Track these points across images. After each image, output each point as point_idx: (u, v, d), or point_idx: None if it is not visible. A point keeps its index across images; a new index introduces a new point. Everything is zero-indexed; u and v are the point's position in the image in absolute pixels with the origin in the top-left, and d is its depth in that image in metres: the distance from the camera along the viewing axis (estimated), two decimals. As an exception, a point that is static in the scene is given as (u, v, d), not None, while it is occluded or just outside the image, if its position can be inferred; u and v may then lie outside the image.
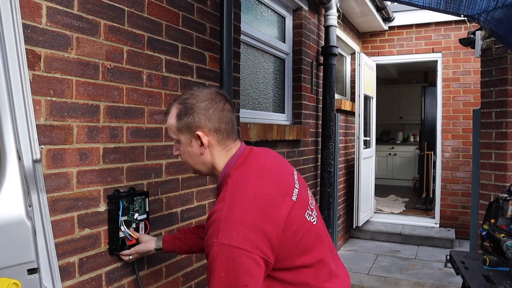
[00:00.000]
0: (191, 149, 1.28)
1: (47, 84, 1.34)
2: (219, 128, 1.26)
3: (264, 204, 1.15)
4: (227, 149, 1.29)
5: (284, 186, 1.25)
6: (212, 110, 1.24)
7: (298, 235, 1.19)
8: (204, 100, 1.25)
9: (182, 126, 1.26)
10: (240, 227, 1.10)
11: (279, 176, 1.28)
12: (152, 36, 1.80)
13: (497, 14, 2.31)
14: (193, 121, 1.24)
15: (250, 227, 1.10)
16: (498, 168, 3.12)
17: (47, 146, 1.35)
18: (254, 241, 1.10)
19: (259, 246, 1.10)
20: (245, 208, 1.13)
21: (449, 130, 5.33)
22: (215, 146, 1.27)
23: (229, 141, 1.29)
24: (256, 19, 3.18)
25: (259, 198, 1.16)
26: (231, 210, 1.13)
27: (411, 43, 5.50)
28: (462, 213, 5.26)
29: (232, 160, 1.28)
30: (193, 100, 1.26)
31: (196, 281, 2.13)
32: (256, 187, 1.19)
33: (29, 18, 1.28)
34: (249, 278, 1.08)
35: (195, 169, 1.34)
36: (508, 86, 3.07)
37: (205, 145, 1.25)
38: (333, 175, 3.95)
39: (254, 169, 1.25)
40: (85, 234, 1.49)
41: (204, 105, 1.25)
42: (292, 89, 3.64)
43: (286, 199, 1.21)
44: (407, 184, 8.78)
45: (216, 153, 1.28)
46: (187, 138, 1.27)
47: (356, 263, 4.36)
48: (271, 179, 1.24)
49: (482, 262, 2.33)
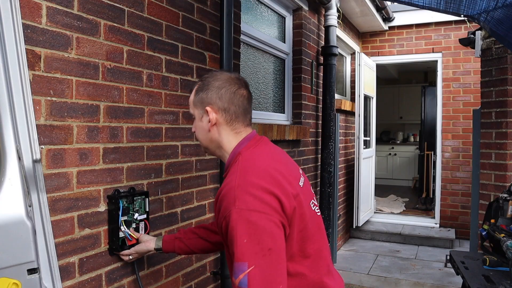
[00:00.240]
0: (201, 124, 1.33)
1: (47, 84, 1.34)
2: (228, 109, 1.29)
3: (276, 175, 1.17)
4: (236, 131, 1.32)
5: (293, 172, 1.28)
6: (224, 90, 1.29)
7: (305, 219, 1.20)
8: (220, 80, 1.31)
9: (196, 100, 1.33)
10: (256, 192, 1.11)
11: (288, 163, 1.31)
12: (152, 36, 1.80)
13: (497, 14, 2.31)
14: (206, 96, 1.30)
15: (265, 192, 1.12)
16: (498, 168, 3.12)
17: (47, 146, 1.35)
18: (272, 204, 1.11)
19: (277, 209, 1.11)
20: (258, 175, 1.16)
21: (449, 130, 5.33)
22: (223, 126, 1.30)
23: (238, 124, 1.32)
24: (256, 19, 3.18)
25: (272, 169, 1.19)
26: (244, 178, 1.15)
27: (411, 43, 5.50)
28: (462, 213, 5.26)
29: (243, 142, 1.31)
30: (211, 79, 1.32)
31: (196, 281, 2.13)
32: (268, 163, 1.22)
33: (29, 18, 1.28)
34: (273, 241, 1.08)
35: (204, 146, 1.38)
36: (508, 86, 3.07)
37: (211, 121, 1.29)
38: (333, 175, 3.95)
39: (266, 151, 1.29)
40: (85, 234, 1.49)
41: (218, 84, 1.30)
42: (292, 89, 3.64)
43: (295, 182, 1.23)
44: (407, 184, 8.78)
45: (223, 133, 1.31)
46: (199, 113, 1.33)
47: (356, 263, 4.36)
48: (281, 162, 1.27)
49: (482, 262, 2.33)
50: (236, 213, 1.09)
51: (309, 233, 1.22)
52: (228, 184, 1.17)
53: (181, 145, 1.99)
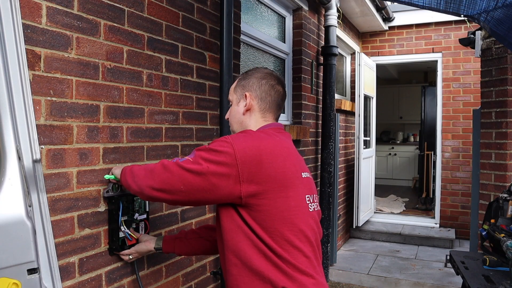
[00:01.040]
0: (237, 108, 1.46)
1: (47, 84, 1.34)
2: (264, 98, 1.44)
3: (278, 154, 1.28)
4: (264, 119, 1.45)
5: (298, 162, 1.38)
6: (264, 81, 1.44)
7: (291, 203, 1.27)
8: (262, 73, 1.47)
9: (238, 87, 1.47)
10: (249, 143, 1.25)
11: (297, 156, 1.41)
12: (152, 36, 1.80)
13: (497, 14, 2.31)
14: (247, 83, 1.45)
15: (255, 149, 1.24)
16: (498, 168, 3.12)
17: (47, 146, 1.35)
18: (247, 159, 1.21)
19: (244, 164, 1.21)
20: (266, 142, 1.29)
21: (449, 130, 5.33)
22: (256, 112, 1.44)
23: (269, 113, 1.46)
24: (256, 19, 3.18)
25: (280, 148, 1.31)
26: (255, 133, 1.32)
27: (411, 43, 5.50)
28: (462, 213, 5.26)
29: (269, 125, 1.43)
30: (253, 71, 1.48)
31: (196, 281, 2.13)
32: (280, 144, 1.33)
33: (29, 18, 1.28)
34: (215, 170, 1.20)
35: (232, 129, 1.50)
36: (508, 86, 3.07)
37: (247, 106, 1.43)
38: (333, 175, 3.95)
39: (285, 138, 1.40)
40: (85, 234, 1.49)
41: (260, 75, 1.46)
42: (292, 89, 3.64)
43: (294, 169, 1.32)
44: (407, 184, 8.78)
45: (253, 118, 1.44)
46: (237, 98, 1.47)
47: (356, 263, 4.36)
48: (291, 152, 1.36)
49: (482, 262, 2.33)
50: (223, 138, 1.26)
51: (292, 220, 1.26)
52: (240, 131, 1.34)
53: (181, 145, 1.99)
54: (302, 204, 1.31)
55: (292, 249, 1.25)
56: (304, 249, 1.27)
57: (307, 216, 1.32)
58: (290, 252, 1.24)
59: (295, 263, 1.24)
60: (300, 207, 1.30)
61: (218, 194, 1.22)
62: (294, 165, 1.33)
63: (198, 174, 1.21)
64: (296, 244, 1.26)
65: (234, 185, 1.21)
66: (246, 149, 1.23)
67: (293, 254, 1.25)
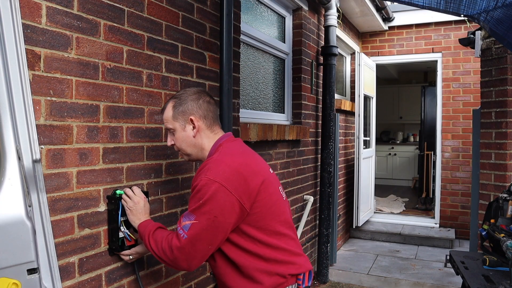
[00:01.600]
0: (184, 134, 1.54)
1: (47, 84, 1.34)
2: (207, 115, 1.55)
3: (249, 162, 1.48)
4: (214, 133, 1.57)
5: (261, 163, 1.55)
6: (201, 100, 1.55)
7: (273, 198, 1.47)
8: (193, 93, 1.56)
9: (177, 114, 1.53)
10: (227, 169, 1.39)
11: (258, 157, 1.58)
12: (152, 36, 1.80)
13: (497, 14, 2.31)
14: (187, 108, 1.53)
15: (235, 172, 1.39)
16: (498, 168, 3.12)
17: (47, 146, 1.35)
18: (235, 183, 1.37)
19: (238, 190, 1.37)
20: (234, 158, 1.45)
21: (449, 130, 5.33)
22: (205, 130, 1.55)
23: (216, 127, 1.58)
24: (256, 19, 3.18)
25: (244, 157, 1.49)
26: (222, 156, 1.44)
27: (411, 43, 5.50)
28: (462, 213, 5.26)
29: (222, 138, 1.56)
30: (185, 94, 1.56)
31: (196, 281, 2.13)
32: (242, 151, 1.53)
33: (29, 18, 1.28)
34: (221, 212, 1.34)
35: (187, 153, 1.58)
36: (508, 86, 3.07)
37: (197, 128, 1.53)
38: (333, 175, 3.95)
39: (242, 145, 1.59)
40: (85, 234, 1.49)
41: (194, 97, 1.55)
42: (292, 89, 3.64)
43: (263, 170, 1.52)
44: (407, 184, 8.79)
45: (204, 136, 1.55)
46: (181, 124, 1.54)
47: (356, 263, 4.36)
48: (252, 155, 1.55)
49: (482, 262, 2.33)
50: (204, 180, 1.36)
51: (278, 211, 1.49)
52: (208, 162, 1.43)
53: (181, 145, 1.99)
54: (279, 196, 1.53)
55: (283, 237, 1.48)
56: (290, 233, 1.52)
57: (284, 205, 1.55)
58: (282, 240, 1.48)
59: (288, 247, 1.49)
60: (279, 199, 1.52)
61: (234, 220, 1.38)
62: (262, 166, 1.53)
63: (211, 227, 1.36)
64: (284, 232, 1.50)
65: (241, 207, 1.38)
66: (227, 174, 1.37)
67: (285, 241, 1.48)
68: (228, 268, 1.47)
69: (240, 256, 1.44)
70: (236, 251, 1.44)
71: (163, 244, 1.40)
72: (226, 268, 1.48)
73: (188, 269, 1.41)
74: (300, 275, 1.50)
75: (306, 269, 1.52)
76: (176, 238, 1.38)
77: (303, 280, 1.50)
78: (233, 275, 1.47)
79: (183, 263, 1.38)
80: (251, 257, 1.44)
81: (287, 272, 1.46)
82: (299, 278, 1.50)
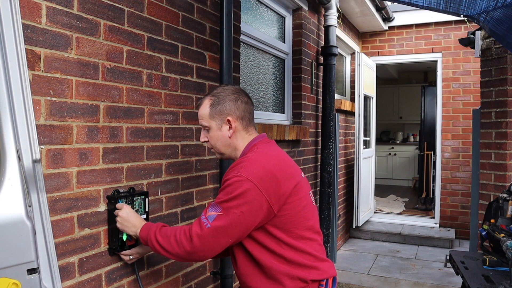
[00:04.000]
0: (220, 134, 1.54)
1: (47, 84, 1.34)
2: (244, 116, 1.54)
3: (283, 165, 1.47)
4: (249, 134, 1.57)
5: (295, 167, 1.53)
6: (239, 101, 1.54)
7: (302, 203, 1.46)
8: (232, 93, 1.54)
9: (214, 113, 1.52)
10: (261, 169, 1.38)
11: (291, 161, 1.56)
12: (152, 36, 1.80)
13: (496, 14, 2.31)
14: (225, 109, 1.52)
15: (268, 173, 1.39)
16: (498, 168, 3.12)
17: (47, 146, 1.35)
18: (267, 184, 1.36)
19: (269, 190, 1.37)
20: (270, 159, 1.44)
21: (449, 130, 5.33)
22: (241, 131, 1.55)
23: (251, 127, 1.58)
24: (256, 19, 3.18)
25: (280, 159, 1.48)
26: (258, 155, 1.44)
27: (411, 43, 5.50)
28: (462, 213, 5.26)
29: (257, 138, 1.56)
30: (223, 93, 1.54)
31: (196, 281, 2.13)
32: (277, 154, 1.51)
33: (29, 18, 1.28)
34: (248, 209, 1.34)
35: (220, 152, 1.58)
36: (508, 86, 3.07)
37: (233, 129, 1.52)
38: (333, 175, 3.94)
39: (276, 147, 1.57)
40: (85, 234, 1.49)
41: (233, 97, 1.53)
42: (292, 89, 3.64)
43: (296, 173, 1.51)
44: (407, 184, 8.79)
45: (240, 137, 1.55)
46: (218, 124, 1.53)
47: (356, 263, 4.36)
48: (286, 158, 1.53)
49: (482, 262, 2.33)
50: (237, 177, 1.36)
51: (308, 215, 1.48)
52: (243, 160, 1.43)
53: (181, 145, 1.99)
54: (309, 201, 1.51)
55: (308, 241, 1.47)
56: (317, 238, 1.51)
57: (313, 210, 1.54)
58: (308, 244, 1.46)
59: (313, 252, 1.47)
60: (308, 204, 1.50)
61: (259, 219, 1.38)
62: (296, 169, 1.52)
63: (236, 222, 1.35)
64: (311, 236, 1.48)
65: (268, 208, 1.38)
66: (260, 174, 1.37)
67: (310, 245, 1.47)
68: (250, 267, 1.46)
69: (263, 255, 1.43)
70: (260, 249, 1.43)
71: (179, 236, 1.39)
72: (249, 267, 1.47)
73: (202, 259, 1.42)
74: (323, 281, 1.46)
75: (329, 275, 1.48)
76: (198, 226, 1.37)
77: (325, 286, 1.47)
78: (256, 275, 1.45)
79: (200, 253, 1.38)
80: (274, 258, 1.43)
81: (309, 277, 1.43)
82: (322, 284, 1.46)
